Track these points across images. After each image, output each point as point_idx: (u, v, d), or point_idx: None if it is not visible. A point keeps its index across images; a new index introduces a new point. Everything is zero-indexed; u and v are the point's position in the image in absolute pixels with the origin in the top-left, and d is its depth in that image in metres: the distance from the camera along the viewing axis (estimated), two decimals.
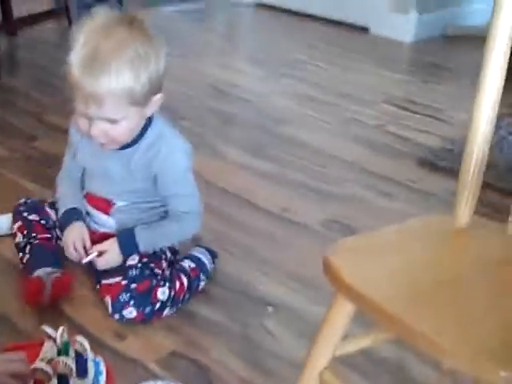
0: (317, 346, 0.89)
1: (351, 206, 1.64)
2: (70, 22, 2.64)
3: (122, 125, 1.13)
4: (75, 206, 1.28)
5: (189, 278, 1.25)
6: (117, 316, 1.17)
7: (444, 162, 1.84)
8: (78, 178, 1.32)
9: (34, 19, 2.74)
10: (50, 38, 2.90)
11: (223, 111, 2.16)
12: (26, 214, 1.30)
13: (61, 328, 1.08)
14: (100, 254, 1.23)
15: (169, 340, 1.16)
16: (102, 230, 1.28)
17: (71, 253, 1.24)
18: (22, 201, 1.34)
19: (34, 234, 1.28)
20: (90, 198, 1.29)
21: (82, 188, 1.31)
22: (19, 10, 2.88)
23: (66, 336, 1.07)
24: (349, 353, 0.90)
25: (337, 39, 3.09)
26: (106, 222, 1.27)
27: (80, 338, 1.08)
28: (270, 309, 1.25)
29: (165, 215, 1.26)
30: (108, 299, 1.18)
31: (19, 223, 1.30)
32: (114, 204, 1.25)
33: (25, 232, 1.28)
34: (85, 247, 1.24)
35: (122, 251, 1.22)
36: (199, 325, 1.21)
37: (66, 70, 1.11)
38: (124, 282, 1.18)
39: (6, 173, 1.68)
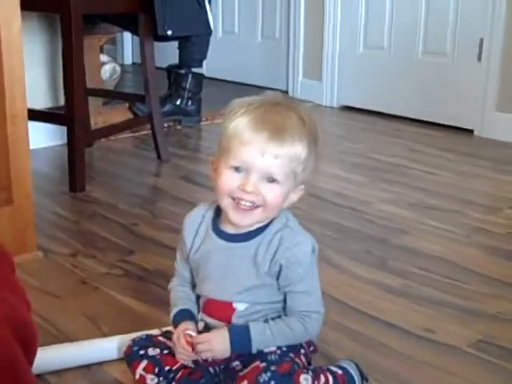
0: None
1: (503, 324, 1.57)
2: (153, 131, 2.75)
3: (277, 188, 1.16)
4: (187, 307, 1.28)
5: (334, 378, 1.21)
6: None
7: None
8: (192, 282, 1.31)
9: (110, 130, 2.85)
10: (126, 147, 3.01)
11: (333, 222, 2.15)
12: (143, 352, 1.26)
13: None
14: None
15: None
16: None
17: (180, 357, 1.22)
18: (130, 343, 1.29)
19: (168, 368, 1.24)
20: (209, 305, 1.26)
21: (198, 296, 1.30)
22: (95, 120, 3.03)
23: None
24: None
25: (439, 142, 3.12)
26: None
27: None
28: None
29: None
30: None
31: (144, 363, 1.25)
32: (235, 309, 1.22)
33: (156, 370, 1.24)
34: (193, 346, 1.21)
35: (232, 343, 1.19)
36: None
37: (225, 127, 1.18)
38: (263, 365, 1.14)
39: (107, 290, 1.68)
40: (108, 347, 1.41)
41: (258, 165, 1.14)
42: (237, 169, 1.16)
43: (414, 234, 2.08)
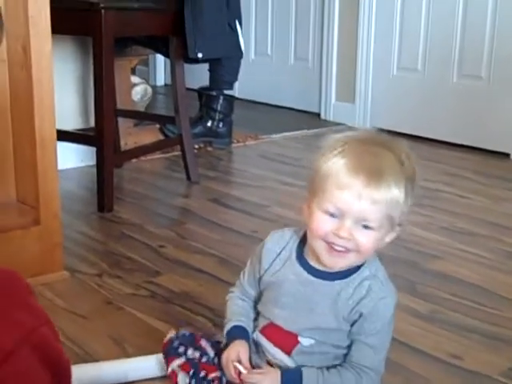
0: None
1: None
2: (183, 152, 2.78)
3: (371, 234, 1.13)
4: (243, 324, 1.27)
5: None
6: None
7: None
8: (253, 299, 1.31)
9: (140, 151, 2.89)
10: (156, 168, 3.05)
11: None
12: (182, 350, 1.27)
13: None
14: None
15: None
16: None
17: (231, 374, 1.22)
18: (173, 335, 1.31)
19: (204, 374, 1.24)
20: (272, 331, 1.24)
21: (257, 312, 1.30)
22: (125, 140, 3.08)
23: None
24: None
25: (476, 166, 3.11)
26: (282, 362, 1.22)
27: None
28: None
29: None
30: None
31: (181, 360, 1.26)
32: (299, 343, 1.20)
33: (191, 372, 1.24)
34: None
35: None
36: None
37: (318, 168, 1.14)
38: None
39: (133, 311, 1.70)
40: (132, 368, 1.42)
41: (353, 210, 1.10)
42: (331, 212, 1.13)
43: (446, 258, 2.07)
